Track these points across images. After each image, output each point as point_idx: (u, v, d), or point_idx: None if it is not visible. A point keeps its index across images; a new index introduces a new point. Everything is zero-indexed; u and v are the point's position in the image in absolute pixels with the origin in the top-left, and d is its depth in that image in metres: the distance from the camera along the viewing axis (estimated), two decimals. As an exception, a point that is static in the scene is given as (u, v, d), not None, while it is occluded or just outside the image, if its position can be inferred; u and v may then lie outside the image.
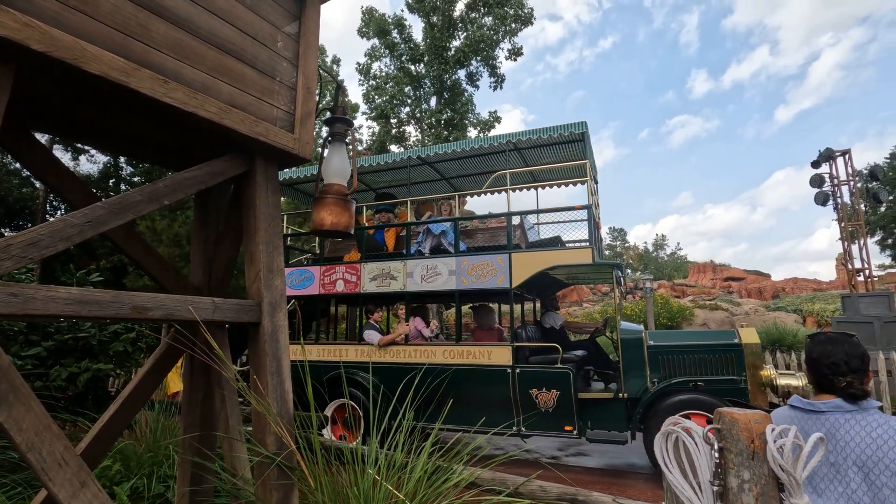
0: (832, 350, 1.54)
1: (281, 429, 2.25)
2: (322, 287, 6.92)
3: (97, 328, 4.32)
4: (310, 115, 2.76)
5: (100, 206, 1.86)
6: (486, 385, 5.75)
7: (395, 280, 6.50)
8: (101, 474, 3.12)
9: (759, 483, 0.98)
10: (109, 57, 1.84)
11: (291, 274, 7.08)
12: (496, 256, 5.99)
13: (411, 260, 6.49)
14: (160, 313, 2.01)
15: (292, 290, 7.07)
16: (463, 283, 6.08)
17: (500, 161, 7.70)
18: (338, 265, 6.94)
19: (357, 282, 6.70)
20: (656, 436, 1.11)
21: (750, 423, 0.99)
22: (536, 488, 2.61)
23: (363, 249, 7.02)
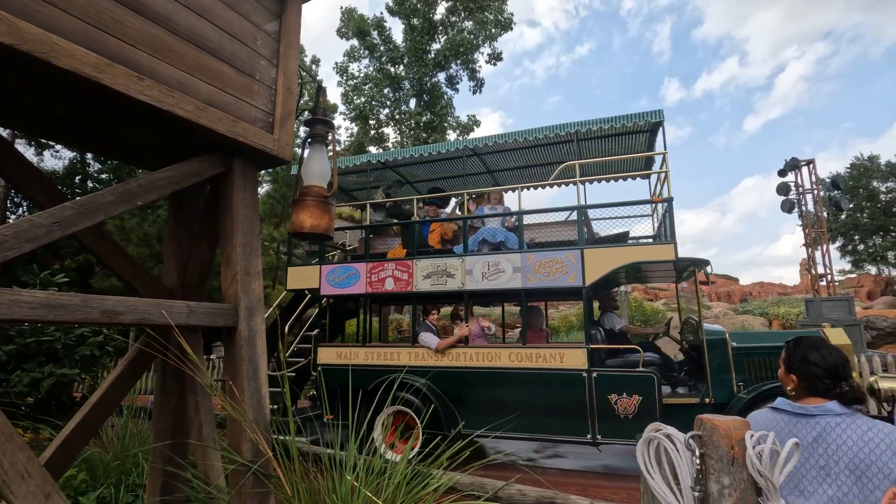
0: (828, 355, 1.56)
1: (257, 435, 2.19)
2: (369, 285, 6.47)
3: (62, 331, 4.15)
4: (290, 116, 2.72)
5: (69, 207, 1.79)
6: (557, 390, 5.38)
7: (453, 278, 6.07)
8: (65, 484, 2.99)
9: (738, 488, 1.00)
10: (81, 52, 1.77)
11: (334, 271, 6.71)
12: (566, 252, 5.60)
13: (470, 256, 6.06)
14: (132, 317, 1.94)
15: (335, 289, 6.67)
16: (530, 282, 5.68)
17: (548, 153, 7.40)
18: (386, 262, 6.51)
19: (409, 280, 6.27)
20: (639, 442, 1.13)
21: (730, 430, 1.02)
22: (515, 492, 2.63)
23: (413, 245, 6.59)
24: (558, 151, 7.45)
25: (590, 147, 7.27)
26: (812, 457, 1.43)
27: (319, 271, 6.78)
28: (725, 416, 1.10)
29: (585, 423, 5.30)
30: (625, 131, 6.57)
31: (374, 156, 7.35)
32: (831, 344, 1.58)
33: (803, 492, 1.44)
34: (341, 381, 6.00)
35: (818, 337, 1.65)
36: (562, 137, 6.66)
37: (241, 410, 2.23)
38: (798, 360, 1.59)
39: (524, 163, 7.86)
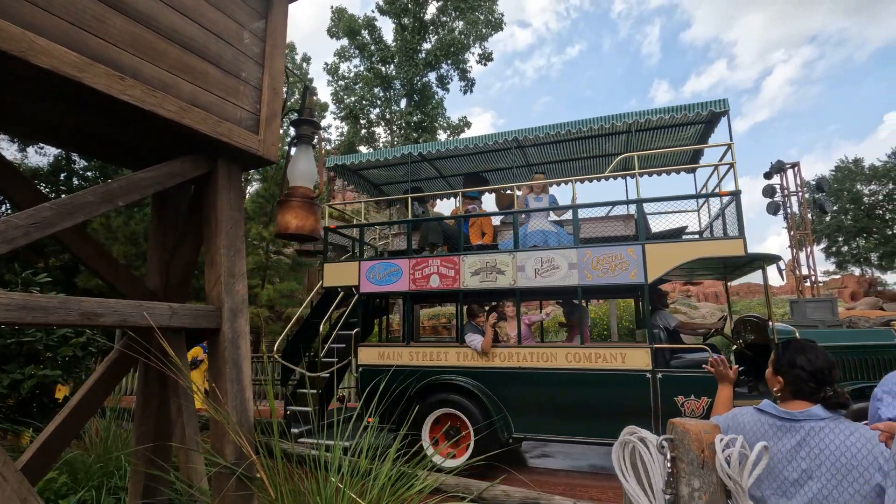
0: (815, 359, 1.56)
1: (240, 438, 2.18)
2: (413, 282, 6.16)
3: (44, 332, 4.09)
4: (276, 116, 2.71)
5: (47, 207, 1.77)
6: (617, 392, 5.10)
7: (503, 275, 5.74)
8: (44, 487, 2.95)
9: (708, 491, 1.02)
10: (62, 51, 1.75)
11: (374, 268, 6.40)
12: (625, 248, 5.34)
13: (522, 252, 5.73)
14: (113, 319, 1.93)
15: (376, 286, 6.38)
16: (587, 279, 5.40)
17: (591, 145, 7.19)
18: (431, 258, 6.19)
19: (455, 277, 5.95)
20: (614, 445, 1.15)
21: (700, 434, 1.04)
22: (500, 493, 2.64)
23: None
24: (603, 144, 7.18)
25: (635, 139, 6.97)
26: (795, 460, 1.45)
27: (358, 268, 6.51)
28: (696, 420, 1.12)
29: (648, 427, 5.08)
30: (685, 121, 6.31)
31: (414, 147, 7.05)
32: (821, 348, 1.58)
33: (785, 493, 1.46)
34: (384, 382, 5.86)
35: (808, 340, 1.65)
36: (618, 128, 6.33)
37: (224, 413, 2.21)
38: (786, 362, 1.59)
39: (567, 156, 7.60)
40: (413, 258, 6.28)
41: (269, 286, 17.52)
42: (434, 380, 5.64)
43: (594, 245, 5.56)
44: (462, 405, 5.51)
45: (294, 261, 19.74)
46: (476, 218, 6.75)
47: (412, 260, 6.27)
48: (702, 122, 6.32)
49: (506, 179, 8.45)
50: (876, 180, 32.31)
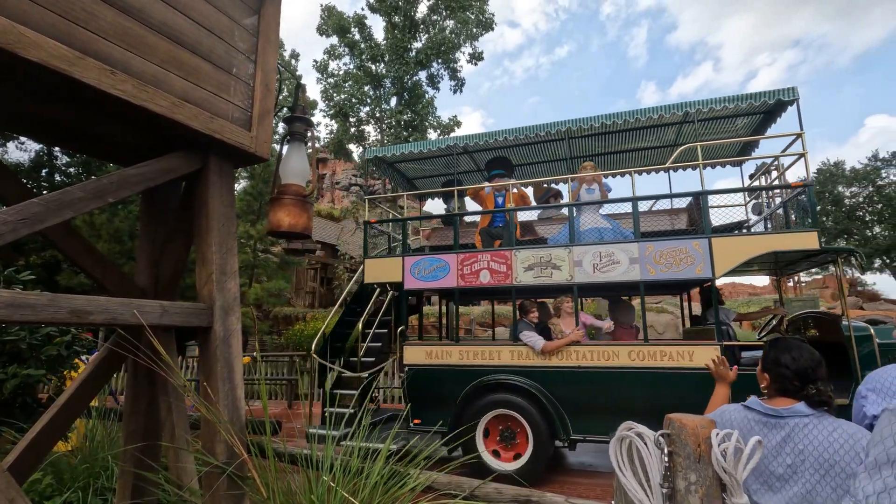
0: (799, 357, 1.59)
1: (232, 437, 2.17)
2: (461, 278, 5.89)
3: (27, 330, 4.00)
4: (268, 113, 2.69)
5: (36, 203, 1.73)
6: (685, 391, 4.89)
7: (559, 270, 5.51)
8: (29, 488, 2.89)
9: (704, 484, 1.04)
10: (51, 44, 1.72)
11: (419, 263, 6.11)
12: (690, 242, 5.13)
13: (579, 246, 5.51)
14: (102, 317, 1.90)
15: (421, 283, 6.09)
16: (649, 273, 5.20)
17: (640, 136, 6.99)
18: (480, 253, 5.93)
19: (507, 272, 5.70)
20: (611, 440, 1.17)
21: (697, 429, 1.06)
22: (492, 490, 2.65)
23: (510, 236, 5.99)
24: (649, 135, 7.01)
25: (685, 130, 6.83)
26: (780, 455, 1.49)
27: (402, 263, 6.23)
28: (693, 416, 1.14)
29: None
30: (747, 111, 6.11)
31: (459, 139, 6.80)
32: (808, 347, 1.62)
33: (771, 487, 1.50)
34: (432, 383, 5.73)
35: (796, 339, 1.69)
36: (678, 118, 6.15)
37: (215, 412, 2.19)
38: (771, 360, 1.63)
39: (612, 148, 7.36)
40: (461, 253, 6.02)
41: (256, 285, 17.37)
42: (490, 380, 5.45)
43: (656, 239, 5.32)
44: (520, 406, 5.33)
45: (282, 259, 19.60)
46: (509, 192, 6.38)
47: (460, 255, 6.00)
48: (761, 111, 6.12)
49: (546, 173, 8.21)
50: (857, 182, 32.99)
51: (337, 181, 46.59)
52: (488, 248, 6.09)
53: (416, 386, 5.78)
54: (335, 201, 44.23)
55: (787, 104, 5.64)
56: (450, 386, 5.63)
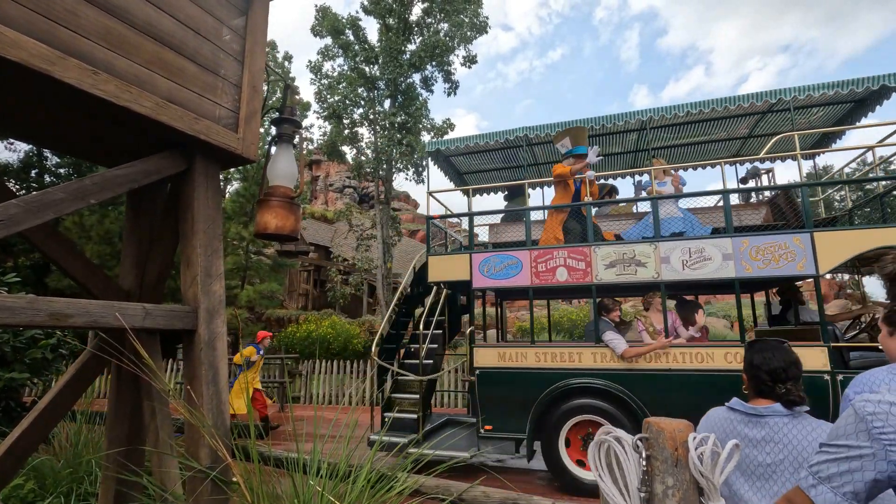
0: (772, 357, 1.63)
1: (216, 441, 2.14)
2: (535, 276, 5.58)
3: (11, 333, 3.95)
4: (255, 115, 2.67)
5: (14, 205, 1.71)
6: None
7: (644, 267, 5.23)
8: (11, 494, 2.85)
9: (681, 488, 1.04)
10: (31, 43, 1.70)
11: (488, 261, 5.81)
12: (790, 236, 4.85)
13: (665, 242, 5.22)
14: (83, 320, 1.87)
15: (491, 281, 5.78)
16: (745, 270, 4.91)
17: (713, 128, 6.79)
18: (556, 249, 5.61)
19: (587, 269, 5.41)
20: (590, 445, 1.16)
21: (674, 432, 1.06)
22: (479, 494, 2.64)
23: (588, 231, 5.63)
24: (723, 127, 6.83)
25: (763, 121, 6.61)
26: (761, 454, 1.51)
27: (469, 261, 5.91)
28: (671, 419, 1.14)
29: None
30: (847, 98, 5.88)
31: (529, 129, 6.39)
32: (784, 347, 1.64)
33: (753, 486, 1.52)
34: (504, 388, 5.47)
35: (774, 340, 1.71)
36: (765, 107, 5.90)
37: (199, 416, 2.17)
38: (747, 362, 1.68)
39: (684, 139, 7.07)
40: (534, 249, 5.70)
41: (248, 287, 17.27)
42: (573, 384, 5.20)
43: (749, 234, 5.05)
44: (607, 412, 5.05)
45: (275, 261, 19.50)
46: (583, 177, 6.01)
47: (533, 251, 5.67)
48: (855, 99, 5.87)
49: (605, 166, 7.96)
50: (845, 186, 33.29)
51: (331, 183, 46.47)
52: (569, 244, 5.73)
53: (487, 390, 5.50)
54: (329, 203, 44.11)
55: (891, 90, 5.37)
56: (525, 390, 5.35)
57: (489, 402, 5.45)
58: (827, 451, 1.02)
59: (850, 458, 0.98)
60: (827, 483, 0.98)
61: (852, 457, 0.97)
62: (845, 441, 1.00)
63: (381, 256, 15.66)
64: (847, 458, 0.98)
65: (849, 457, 0.98)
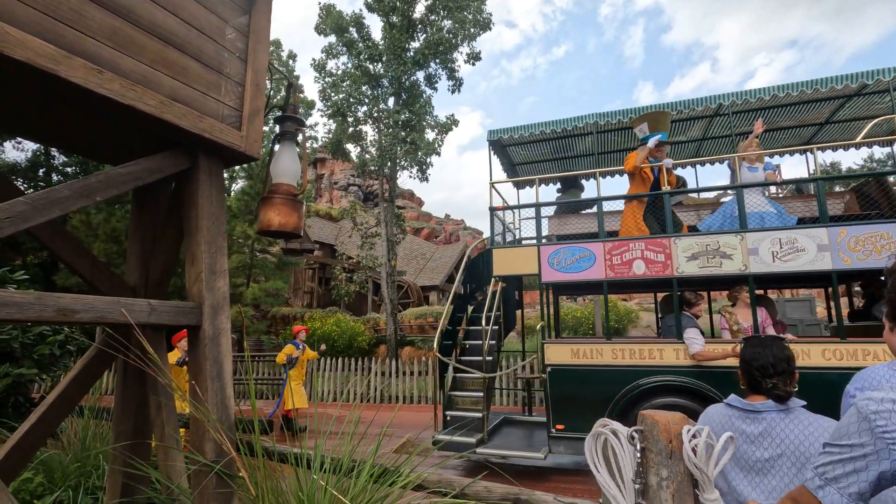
0: (761, 353, 1.66)
1: (220, 435, 2.17)
2: (610, 269, 5.36)
3: (20, 330, 4.00)
4: (258, 113, 2.69)
5: (21, 202, 1.74)
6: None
7: (730, 259, 4.96)
8: (20, 488, 2.90)
9: (675, 480, 1.05)
10: (37, 43, 1.72)
11: (558, 253, 5.57)
12: (893, 225, 4.57)
13: (753, 233, 4.94)
14: (90, 316, 1.90)
15: (561, 275, 5.54)
16: (843, 262, 4.64)
17: (789, 114, 6.53)
18: (631, 241, 5.37)
19: (667, 262, 5.16)
20: (587, 437, 1.18)
21: (669, 425, 1.07)
22: (482, 489, 2.65)
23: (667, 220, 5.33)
24: (798, 113, 6.59)
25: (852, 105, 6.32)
26: (758, 450, 1.52)
27: (538, 253, 5.71)
28: (666, 412, 1.15)
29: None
30: None
31: (596, 116, 6.18)
32: (778, 344, 1.66)
33: (751, 481, 1.53)
34: (578, 386, 5.26)
35: (767, 336, 1.73)
36: (864, 88, 5.67)
37: (204, 410, 2.20)
38: (741, 359, 1.70)
39: (747, 129, 6.83)
40: (608, 241, 5.47)
41: (254, 285, 17.38)
42: (655, 382, 4.99)
43: (850, 223, 4.80)
44: (695, 412, 4.78)
45: (280, 259, 19.60)
46: (657, 164, 5.72)
47: (607, 243, 5.44)
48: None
49: (680, 153, 7.68)
50: (854, 183, 33.00)
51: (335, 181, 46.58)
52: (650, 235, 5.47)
53: (559, 388, 5.32)
54: (333, 201, 44.22)
55: None
56: (601, 388, 5.15)
57: (561, 400, 5.30)
58: (831, 451, 1.02)
59: (854, 458, 0.97)
60: (834, 484, 0.98)
61: (856, 457, 0.97)
62: (849, 441, 0.99)
63: (386, 254, 15.70)
64: (852, 459, 0.97)
65: (853, 457, 0.97)
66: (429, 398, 11.99)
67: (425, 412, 10.52)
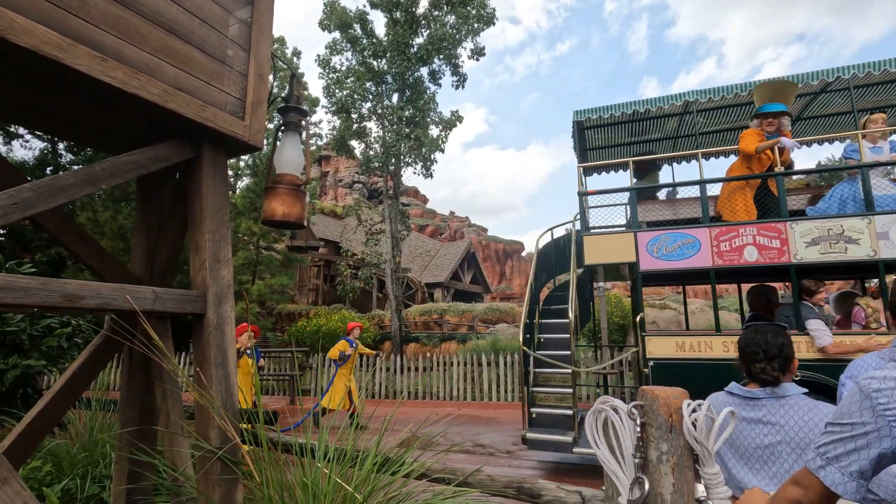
0: (753, 339, 1.67)
1: (225, 422, 2.19)
2: (717, 256, 5.02)
3: (28, 322, 4.05)
4: (262, 103, 2.70)
5: (27, 188, 1.75)
6: None
7: (857, 244, 4.59)
8: (29, 475, 2.93)
9: (675, 454, 1.05)
10: (42, 31, 1.74)
11: (658, 240, 5.24)
12: None
13: (882, 216, 4.54)
14: (95, 302, 1.92)
15: (662, 262, 5.22)
16: None
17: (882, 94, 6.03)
18: (743, 226, 5.01)
19: (782, 248, 4.82)
20: (587, 413, 1.18)
21: (668, 399, 1.07)
22: (485, 477, 2.66)
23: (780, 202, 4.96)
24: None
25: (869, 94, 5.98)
26: (759, 437, 1.52)
27: (634, 240, 5.36)
28: (666, 387, 1.15)
29: None
30: None
31: (693, 94, 5.73)
32: (774, 331, 1.66)
33: (752, 468, 1.52)
34: (684, 381, 4.80)
35: (770, 324, 1.72)
36: None
37: (208, 397, 2.22)
38: (738, 347, 1.70)
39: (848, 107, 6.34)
40: (715, 227, 5.10)
41: (259, 282, 17.45)
42: None
43: None
44: None
45: (285, 256, 19.67)
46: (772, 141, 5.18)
47: (713, 229, 5.09)
48: None
49: None
50: (862, 178, 32.68)
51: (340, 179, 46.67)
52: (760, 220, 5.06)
53: (664, 384, 5.06)
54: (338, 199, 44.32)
55: None
56: (710, 384, 4.80)
57: None
58: (832, 430, 1.01)
59: (855, 436, 0.97)
60: (835, 463, 0.97)
61: (857, 435, 0.96)
62: (850, 419, 0.99)
63: (390, 251, 15.72)
64: (853, 437, 0.97)
65: (854, 435, 0.97)
66: (433, 394, 12.03)
67: (429, 407, 10.54)
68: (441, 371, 12.23)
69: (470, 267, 31.43)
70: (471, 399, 11.68)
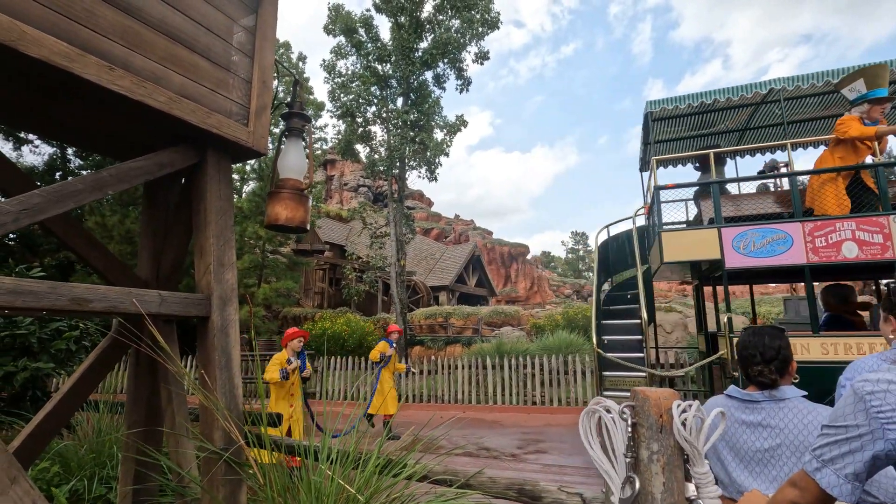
0: (751, 342, 1.67)
1: (229, 424, 2.22)
2: (812, 252, 4.78)
3: (37, 325, 4.11)
4: (265, 109, 2.75)
5: (37, 194, 1.80)
6: None
7: None
8: (38, 476, 2.98)
9: (665, 454, 1.07)
10: (52, 41, 1.79)
11: (744, 235, 5.02)
12: None
13: None
14: (102, 305, 1.96)
15: (750, 259, 4.99)
16: None
17: None
18: (840, 220, 4.74)
19: (885, 243, 4.57)
20: (581, 414, 1.20)
21: (659, 400, 1.09)
22: (486, 479, 2.68)
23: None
24: None
25: None
26: (758, 440, 1.52)
27: (719, 235, 5.13)
28: (657, 388, 1.17)
29: None
30: None
31: (780, 81, 5.47)
32: (772, 333, 1.66)
33: (752, 472, 1.53)
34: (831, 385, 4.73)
35: (769, 327, 1.73)
36: None
37: (213, 399, 2.25)
38: (737, 351, 1.71)
39: None
40: (808, 221, 4.85)
41: (265, 285, 17.55)
42: None
43: None
44: None
45: (291, 260, 19.77)
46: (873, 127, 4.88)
47: (807, 224, 4.85)
48: None
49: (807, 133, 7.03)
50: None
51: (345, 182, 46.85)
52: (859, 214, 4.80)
53: (806, 388, 4.83)
54: (343, 202, 44.49)
55: None
56: (810, 388, 4.55)
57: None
58: (827, 433, 1.02)
59: (849, 438, 0.97)
60: (830, 465, 0.98)
61: (851, 437, 0.97)
62: (844, 422, 1.00)
63: (395, 254, 15.77)
64: (847, 440, 0.98)
65: (848, 437, 0.98)
66: (438, 397, 12.03)
67: (433, 410, 10.55)
68: (446, 374, 12.23)
69: (475, 270, 31.44)
70: (475, 402, 11.68)
